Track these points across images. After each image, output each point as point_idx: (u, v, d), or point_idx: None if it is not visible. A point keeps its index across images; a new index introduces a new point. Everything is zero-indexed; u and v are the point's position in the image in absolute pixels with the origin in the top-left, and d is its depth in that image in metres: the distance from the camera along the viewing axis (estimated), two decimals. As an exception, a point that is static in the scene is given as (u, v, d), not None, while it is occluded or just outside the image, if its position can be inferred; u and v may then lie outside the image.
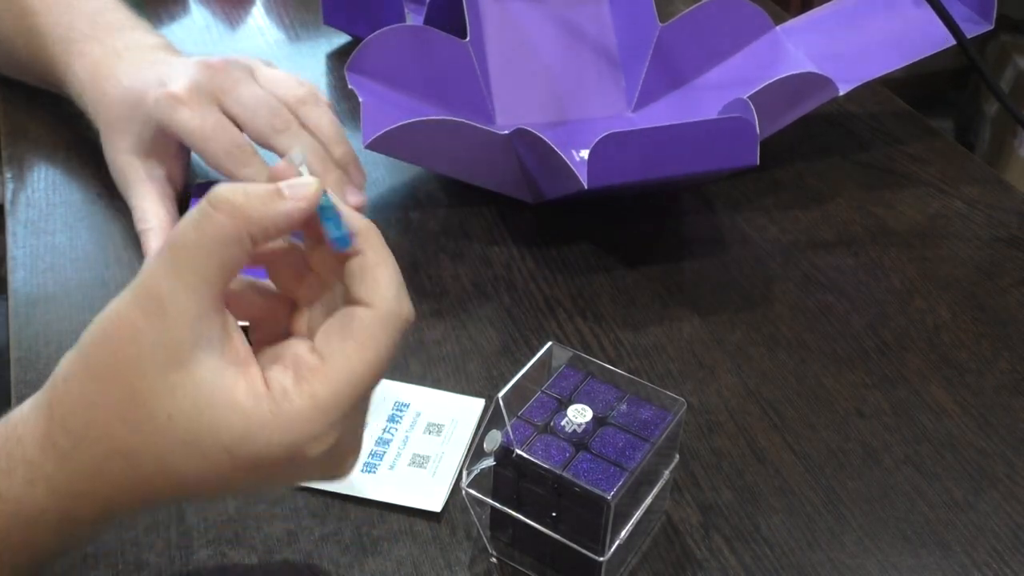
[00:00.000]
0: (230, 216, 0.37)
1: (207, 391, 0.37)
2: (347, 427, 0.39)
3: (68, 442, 0.38)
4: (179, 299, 0.37)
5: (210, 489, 0.40)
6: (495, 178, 0.70)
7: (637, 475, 0.46)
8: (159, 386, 0.37)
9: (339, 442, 0.39)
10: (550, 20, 0.79)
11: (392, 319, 0.39)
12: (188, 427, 0.37)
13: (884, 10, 0.79)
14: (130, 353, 0.37)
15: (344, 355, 0.39)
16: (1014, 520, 0.53)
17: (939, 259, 0.70)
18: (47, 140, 0.74)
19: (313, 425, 0.38)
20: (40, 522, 0.39)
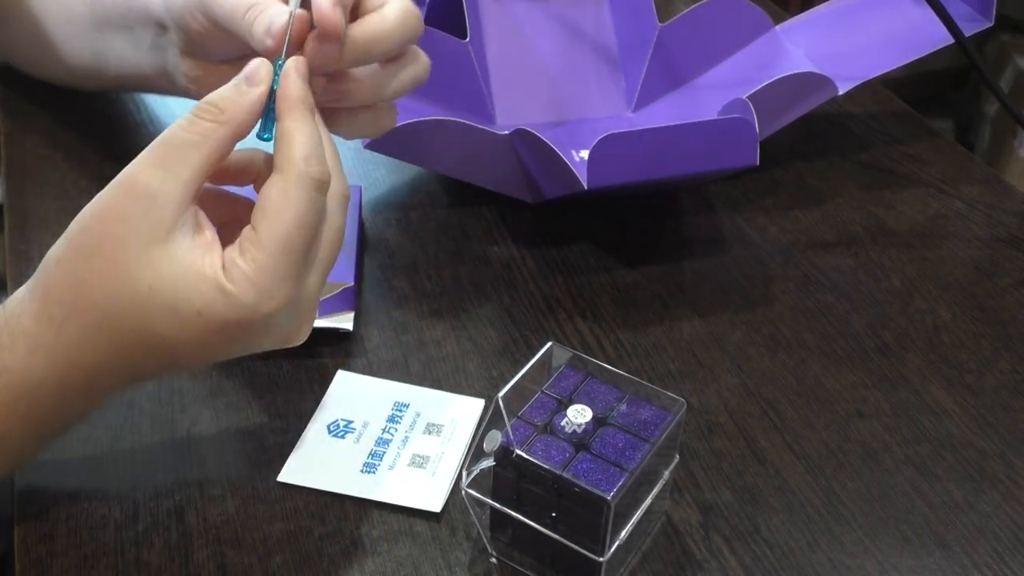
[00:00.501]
0: (213, 119, 0.44)
1: (182, 265, 0.43)
2: (295, 284, 0.44)
3: (61, 313, 0.44)
4: (166, 187, 0.43)
5: (188, 353, 0.45)
6: (495, 178, 0.69)
7: (637, 475, 0.46)
8: (141, 259, 0.43)
9: (290, 301, 0.44)
10: (550, 20, 0.79)
11: (299, 181, 0.44)
12: (166, 295, 0.43)
13: (884, 9, 0.79)
14: (116, 232, 0.43)
15: (267, 223, 0.44)
16: (1014, 520, 0.53)
17: (939, 259, 0.70)
18: (47, 140, 0.74)
19: (260, 285, 0.43)
20: (40, 393, 0.44)
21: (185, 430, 0.54)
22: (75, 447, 0.53)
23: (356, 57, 0.49)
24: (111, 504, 0.50)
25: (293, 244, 0.44)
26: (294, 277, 0.44)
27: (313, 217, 0.44)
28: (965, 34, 0.73)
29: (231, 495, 0.51)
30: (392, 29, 0.50)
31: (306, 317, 0.47)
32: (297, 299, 0.45)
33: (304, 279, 0.45)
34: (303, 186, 0.44)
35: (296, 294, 0.45)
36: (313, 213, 0.44)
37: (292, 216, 0.44)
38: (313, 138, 0.45)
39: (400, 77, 0.51)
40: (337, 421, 0.55)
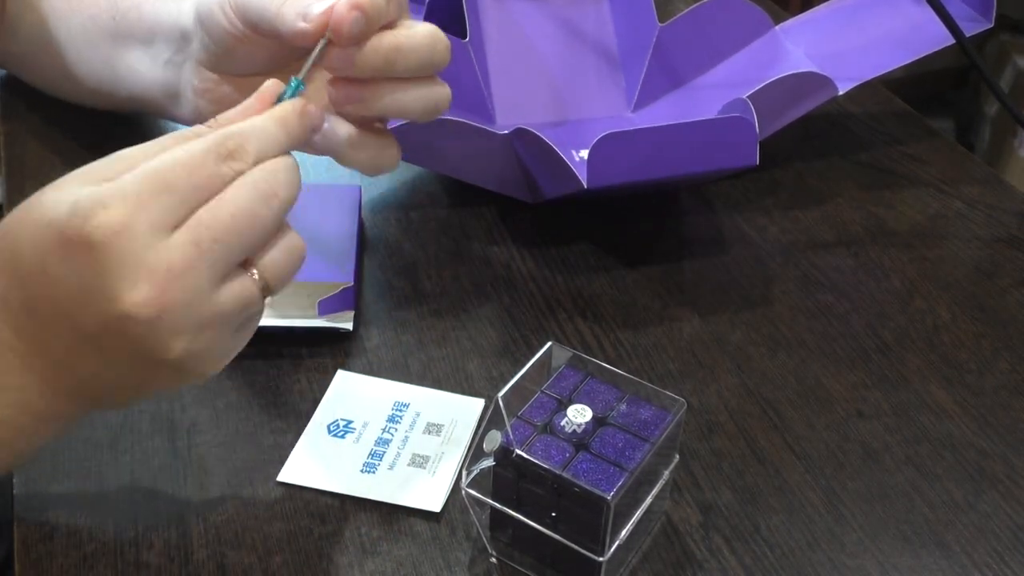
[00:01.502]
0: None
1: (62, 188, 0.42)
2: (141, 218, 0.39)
3: None
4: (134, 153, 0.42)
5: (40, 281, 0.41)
6: (495, 178, 0.69)
7: (637, 475, 0.46)
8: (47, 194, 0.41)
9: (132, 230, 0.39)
10: (550, 20, 0.79)
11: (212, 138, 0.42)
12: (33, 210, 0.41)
13: (884, 9, 0.79)
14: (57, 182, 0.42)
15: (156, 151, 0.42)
16: (1014, 520, 0.53)
17: (939, 259, 0.70)
18: (47, 140, 0.74)
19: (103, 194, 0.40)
20: None
21: (185, 430, 0.54)
22: (75, 447, 0.53)
23: (375, 64, 0.48)
24: (111, 504, 0.51)
25: (163, 174, 0.40)
26: (147, 206, 0.40)
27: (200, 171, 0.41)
28: (965, 34, 0.73)
29: (231, 495, 0.51)
30: (417, 45, 0.49)
31: (153, 279, 0.40)
32: (146, 241, 0.40)
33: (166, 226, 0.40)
34: (208, 141, 0.42)
35: (145, 231, 0.40)
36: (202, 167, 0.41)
37: (178, 152, 0.41)
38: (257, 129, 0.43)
39: (417, 94, 0.50)
40: (337, 421, 0.55)
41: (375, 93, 0.49)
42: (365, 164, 0.52)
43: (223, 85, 0.58)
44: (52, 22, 0.69)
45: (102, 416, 0.55)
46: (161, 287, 0.40)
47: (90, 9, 0.67)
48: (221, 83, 0.58)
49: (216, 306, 0.42)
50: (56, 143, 0.73)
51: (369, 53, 0.48)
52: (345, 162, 0.52)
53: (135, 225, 0.39)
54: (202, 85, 0.58)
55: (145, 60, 0.64)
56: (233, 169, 0.42)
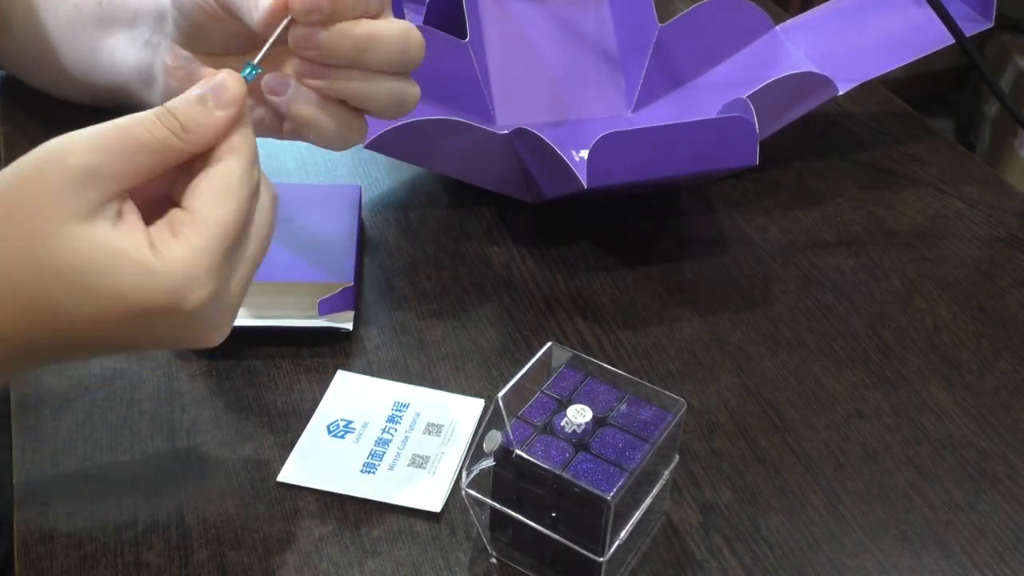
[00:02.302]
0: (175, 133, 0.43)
1: (104, 244, 0.41)
2: (223, 279, 0.43)
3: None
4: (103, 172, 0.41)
5: (101, 339, 0.42)
6: (495, 178, 0.69)
7: (637, 475, 0.46)
8: (60, 234, 0.40)
9: (217, 294, 0.43)
10: (550, 20, 0.79)
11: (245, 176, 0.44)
12: (86, 276, 0.40)
13: (884, 9, 0.79)
14: (39, 200, 0.40)
15: (210, 204, 0.43)
16: (1014, 520, 0.53)
17: (939, 259, 0.70)
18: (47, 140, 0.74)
19: (192, 270, 0.41)
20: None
21: (185, 430, 0.54)
22: (75, 447, 0.53)
23: (344, 50, 0.48)
24: (111, 504, 0.50)
25: (230, 234, 0.43)
26: (225, 269, 0.43)
27: (249, 215, 0.44)
28: (965, 34, 0.73)
29: (231, 495, 0.51)
30: (391, 37, 0.49)
31: (229, 316, 0.45)
32: (225, 296, 0.44)
33: (233, 274, 0.44)
34: (246, 183, 0.43)
35: (225, 288, 0.43)
36: (250, 211, 0.44)
37: (235, 205, 0.43)
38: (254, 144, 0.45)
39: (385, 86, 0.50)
40: (337, 421, 0.55)
41: (341, 76, 0.49)
42: (332, 136, 0.52)
43: (194, 63, 0.57)
44: (41, 13, 0.70)
45: (102, 416, 0.55)
46: (233, 319, 0.46)
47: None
48: (192, 61, 0.57)
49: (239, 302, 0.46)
50: (56, 143, 0.73)
51: (338, 37, 0.48)
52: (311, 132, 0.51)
53: (220, 288, 0.43)
54: (174, 63, 0.58)
55: (125, 43, 0.64)
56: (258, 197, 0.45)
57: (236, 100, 0.44)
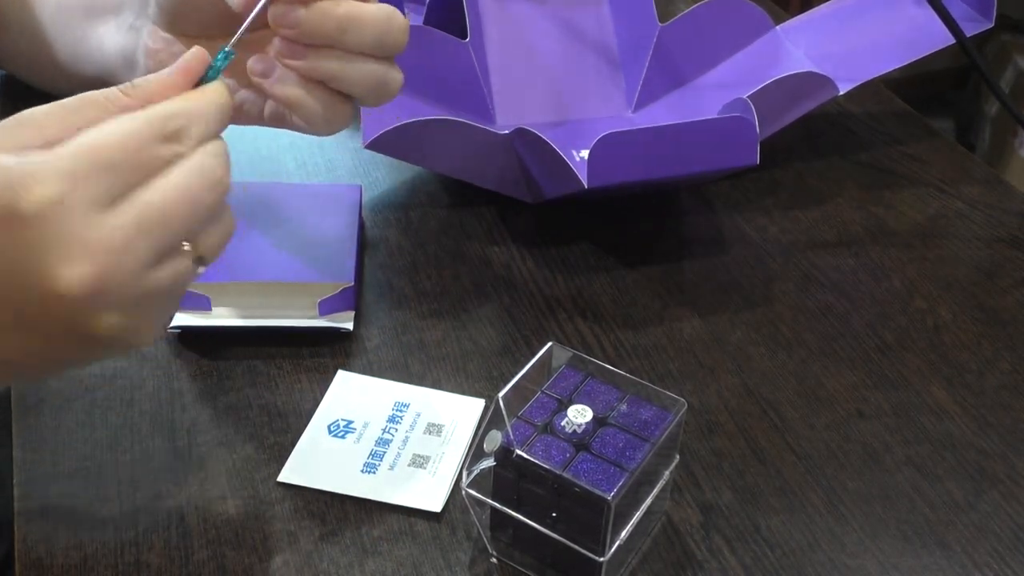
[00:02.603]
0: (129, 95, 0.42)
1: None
2: (79, 196, 0.38)
3: None
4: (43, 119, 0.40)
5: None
6: (495, 178, 0.69)
7: (637, 475, 0.46)
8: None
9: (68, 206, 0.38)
10: (550, 20, 0.79)
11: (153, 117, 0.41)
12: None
13: (884, 10, 0.79)
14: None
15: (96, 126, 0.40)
16: (1014, 520, 0.53)
17: (939, 259, 0.70)
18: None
19: (36, 166, 0.38)
20: None
21: (185, 430, 0.54)
22: (75, 448, 0.53)
23: (325, 30, 0.48)
24: (111, 504, 0.50)
25: (103, 151, 0.39)
26: (85, 183, 0.38)
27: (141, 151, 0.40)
28: (965, 34, 0.73)
29: (231, 495, 0.51)
30: (373, 19, 0.48)
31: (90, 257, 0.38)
32: (83, 217, 0.38)
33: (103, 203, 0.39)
34: (149, 120, 0.41)
35: (83, 209, 0.38)
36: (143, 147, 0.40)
37: (118, 129, 0.40)
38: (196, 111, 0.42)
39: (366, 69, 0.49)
40: (337, 421, 0.55)
41: (322, 55, 0.48)
42: (318, 119, 0.50)
43: (175, 45, 0.57)
44: (35, 9, 0.70)
45: (103, 417, 0.55)
46: (99, 264, 0.39)
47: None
48: (173, 43, 0.57)
49: (152, 283, 0.41)
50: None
51: (318, 16, 0.47)
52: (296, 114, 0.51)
53: (72, 201, 0.38)
54: (155, 46, 0.57)
55: (112, 30, 0.64)
56: (173, 151, 0.41)
57: (187, 66, 0.43)
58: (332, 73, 0.49)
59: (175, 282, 0.42)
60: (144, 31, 0.59)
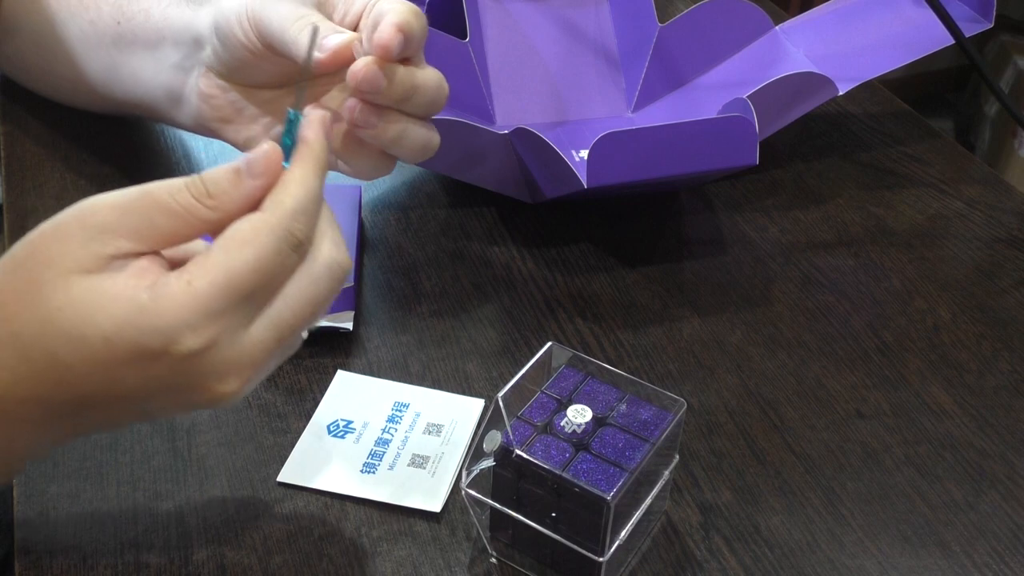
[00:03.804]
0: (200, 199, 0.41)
1: (99, 289, 0.39)
2: (227, 329, 0.40)
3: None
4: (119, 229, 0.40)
5: (97, 390, 0.40)
6: (495, 178, 0.69)
7: (637, 475, 0.46)
8: (59, 281, 0.39)
9: (218, 344, 0.40)
10: (550, 20, 0.79)
11: (279, 228, 0.41)
12: (73, 318, 0.39)
13: (884, 10, 0.79)
14: (51, 250, 0.40)
15: (225, 249, 0.40)
16: (1014, 520, 0.53)
17: (939, 259, 0.70)
18: (47, 140, 0.74)
19: (185, 311, 0.39)
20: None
21: (185, 430, 0.54)
22: (75, 447, 0.53)
23: (398, 94, 0.51)
24: (111, 504, 0.50)
25: (241, 282, 0.40)
26: (230, 318, 0.40)
27: (275, 269, 0.41)
28: (965, 35, 0.73)
29: (231, 495, 0.51)
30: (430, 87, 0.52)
31: (236, 372, 0.41)
32: (229, 348, 0.41)
33: (243, 327, 0.41)
34: (278, 235, 0.41)
35: (229, 340, 0.40)
36: (277, 265, 0.41)
37: (252, 254, 0.40)
38: (312, 197, 0.43)
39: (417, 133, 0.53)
40: (337, 421, 0.55)
41: (389, 122, 0.52)
42: (366, 173, 0.55)
43: (229, 92, 0.59)
44: (49, 26, 0.69)
45: (102, 416, 0.55)
46: (246, 376, 0.42)
47: (88, 14, 0.66)
48: (228, 90, 0.59)
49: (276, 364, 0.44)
50: (55, 143, 0.74)
51: (396, 82, 0.50)
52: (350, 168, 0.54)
53: (222, 338, 0.40)
54: (208, 91, 0.59)
55: (149, 63, 0.63)
56: (300, 255, 0.42)
57: (267, 169, 0.42)
58: (392, 138, 0.53)
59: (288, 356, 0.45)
60: (194, 72, 0.60)
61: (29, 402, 0.41)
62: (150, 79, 0.64)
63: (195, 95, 0.60)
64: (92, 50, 0.67)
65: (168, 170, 0.72)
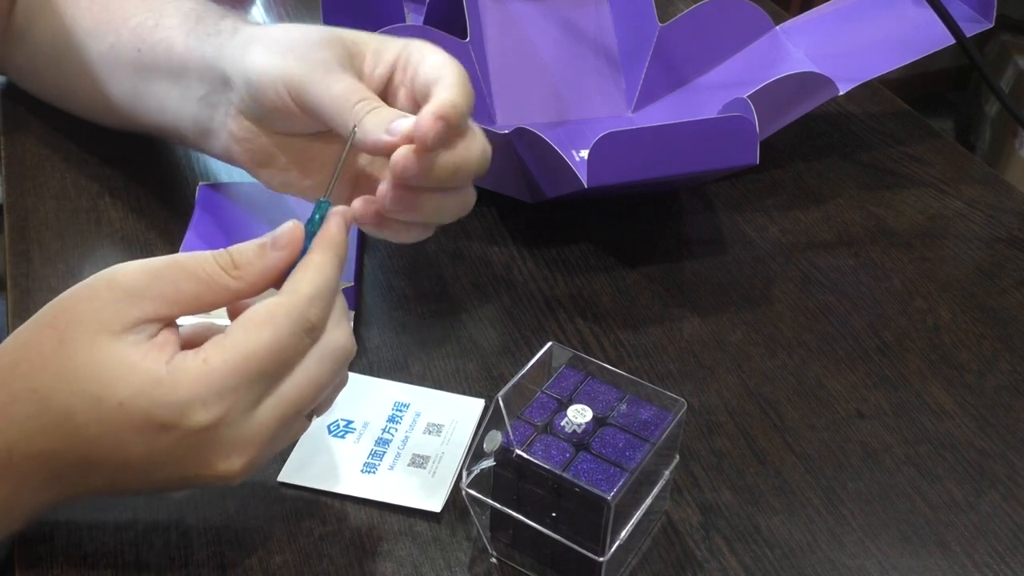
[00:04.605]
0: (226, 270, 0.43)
1: (119, 356, 0.41)
2: (236, 407, 0.42)
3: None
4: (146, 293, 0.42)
5: (105, 455, 0.42)
6: (495, 178, 0.69)
7: (637, 475, 0.46)
8: (83, 340, 0.41)
9: (226, 421, 0.42)
10: (550, 20, 0.79)
11: (293, 312, 0.43)
12: (93, 378, 0.41)
13: (884, 10, 0.79)
14: (77, 309, 0.42)
15: (243, 329, 0.42)
16: (1014, 520, 0.53)
17: (939, 259, 0.70)
18: (47, 140, 0.74)
19: (199, 388, 0.41)
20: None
21: (185, 430, 0.54)
22: (75, 447, 0.53)
23: (442, 177, 0.50)
24: (111, 504, 0.50)
25: (256, 363, 0.42)
26: (241, 397, 0.42)
27: (289, 351, 0.43)
28: (965, 35, 0.73)
29: (231, 495, 0.51)
30: (477, 160, 0.51)
31: (244, 449, 0.43)
32: (236, 425, 0.42)
33: (255, 406, 0.43)
34: (294, 319, 0.43)
35: (237, 418, 0.42)
36: (291, 348, 0.43)
37: (268, 336, 0.42)
38: (329, 285, 0.44)
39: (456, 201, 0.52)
40: (337, 421, 0.55)
41: (427, 201, 0.51)
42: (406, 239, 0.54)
43: (261, 137, 0.57)
44: (67, 43, 0.67)
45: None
46: (251, 456, 0.43)
47: (108, 38, 0.64)
48: (260, 135, 0.57)
49: (279, 445, 0.46)
50: (55, 143, 0.73)
51: (436, 168, 0.49)
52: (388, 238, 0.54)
53: (232, 415, 0.42)
54: (240, 134, 0.57)
55: (174, 93, 0.61)
56: (312, 339, 0.44)
57: (290, 243, 0.44)
58: (430, 215, 0.52)
59: (294, 439, 0.48)
60: (221, 110, 0.58)
61: (36, 458, 0.42)
62: (175, 109, 0.62)
63: (225, 132, 0.58)
64: (114, 73, 0.65)
65: (170, 171, 0.72)
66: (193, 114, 0.60)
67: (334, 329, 0.45)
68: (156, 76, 0.62)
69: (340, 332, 0.45)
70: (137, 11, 0.64)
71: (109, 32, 0.65)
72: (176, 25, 0.61)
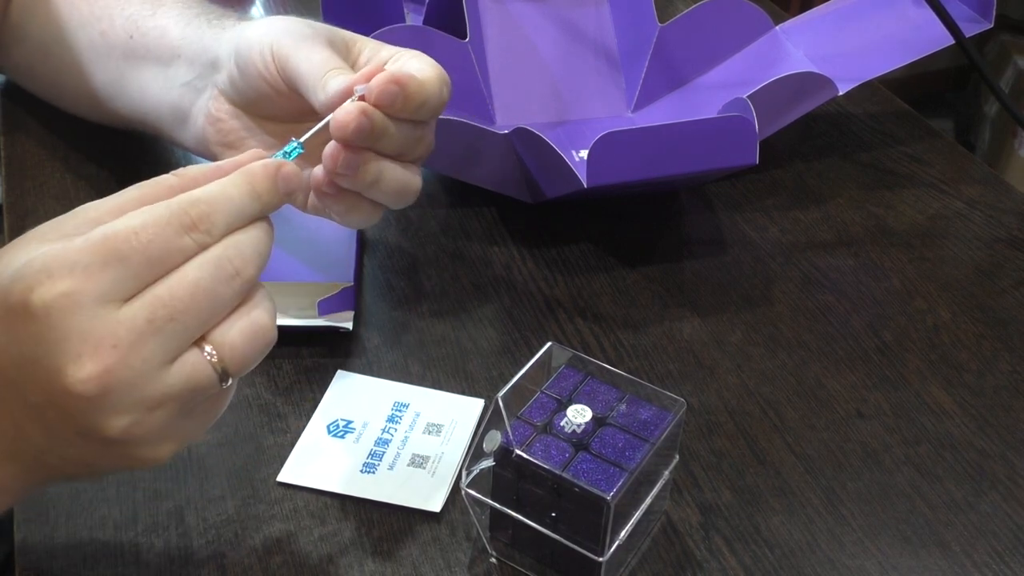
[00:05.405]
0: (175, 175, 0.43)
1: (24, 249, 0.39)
2: (89, 288, 0.37)
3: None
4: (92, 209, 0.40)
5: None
6: (495, 178, 0.69)
7: (637, 475, 0.46)
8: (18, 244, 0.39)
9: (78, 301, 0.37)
10: (550, 20, 0.79)
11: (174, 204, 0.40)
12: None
13: (884, 10, 0.79)
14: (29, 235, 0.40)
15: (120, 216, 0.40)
16: (1014, 520, 0.53)
17: (939, 259, 0.70)
18: (47, 140, 0.74)
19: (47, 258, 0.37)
20: None
21: (185, 430, 0.54)
22: (75, 447, 0.53)
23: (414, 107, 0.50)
24: (111, 504, 0.51)
25: (115, 243, 0.38)
26: (95, 277, 0.37)
27: (157, 243, 0.39)
28: (965, 35, 0.73)
29: (231, 495, 0.51)
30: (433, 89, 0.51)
31: (101, 354, 0.37)
32: (93, 313, 0.37)
33: (113, 297, 0.38)
34: (172, 210, 0.39)
35: (92, 304, 0.37)
36: (160, 239, 0.39)
37: (136, 220, 0.39)
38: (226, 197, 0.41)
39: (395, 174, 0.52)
40: (337, 421, 0.55)
41: (367, 165, 0.50)
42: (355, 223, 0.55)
43: (237, 119, 0.58)
44: (59, 34, 0.68)
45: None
46: (105, 363, 0.37)
47: (100, 24, 0.66)
48: (236, 116, 0.58)
49: (164, 386, 0.39)
50: (55, 144, 0.74)
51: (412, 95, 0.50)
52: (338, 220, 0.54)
53: (80, 296, 0.37)
54: (216, 114, 0.58)
55: (159, 79, 0.63)
56: (196, 241, 0.40)
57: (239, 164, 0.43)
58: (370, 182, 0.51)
59: (191, 388, 0.40)
60: (205, 93, 0.59)
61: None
62: (157, 95, 0.63)
63: (202, 116, 0.59)
64: (101, 61, 0.66)
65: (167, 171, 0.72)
66: (173, 100, 0.62)
67: (226, 244, 0.40)
68: (144, 62, 0.64)
69: (232, 248, 0.40)
70: (134, 1, 0.65)
71: (103, 19, 0.66)
72: (174, 15, 0.63)
